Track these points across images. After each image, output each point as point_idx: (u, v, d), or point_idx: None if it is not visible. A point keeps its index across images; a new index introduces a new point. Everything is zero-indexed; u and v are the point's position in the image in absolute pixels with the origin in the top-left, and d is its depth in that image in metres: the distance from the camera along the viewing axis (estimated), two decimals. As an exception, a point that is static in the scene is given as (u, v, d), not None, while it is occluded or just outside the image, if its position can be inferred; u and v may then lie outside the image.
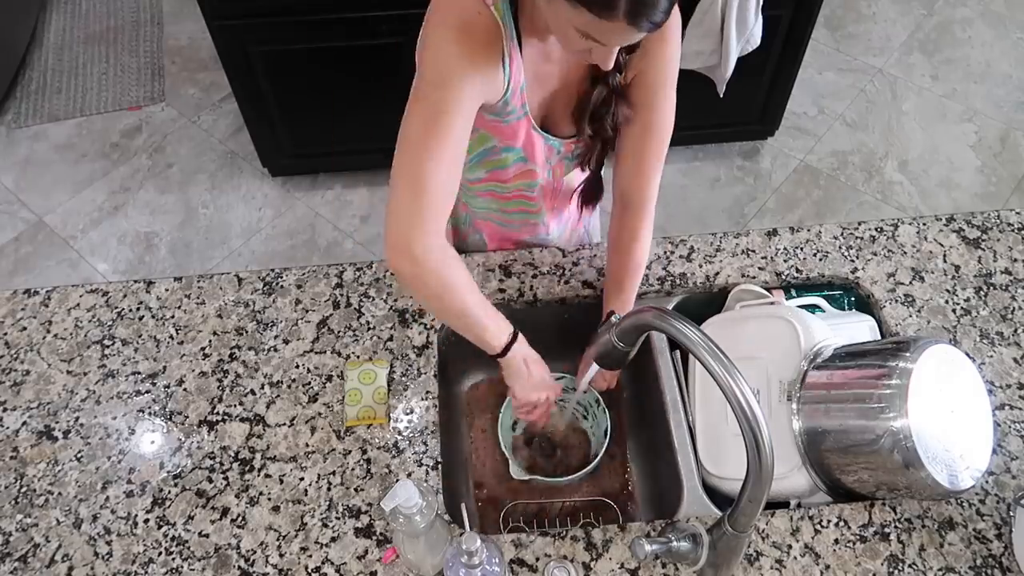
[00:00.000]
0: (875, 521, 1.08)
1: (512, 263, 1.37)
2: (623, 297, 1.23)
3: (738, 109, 2.56)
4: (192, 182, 2.76)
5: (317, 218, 2.65)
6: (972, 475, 0.98)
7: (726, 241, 1.39)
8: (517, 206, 1.31)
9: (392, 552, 1.06)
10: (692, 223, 2.61)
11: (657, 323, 0.89)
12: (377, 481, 1.13)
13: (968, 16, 3.23)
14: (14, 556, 1.08)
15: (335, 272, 1.36)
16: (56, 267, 2.55)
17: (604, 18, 0.84)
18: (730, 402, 0.77)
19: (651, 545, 0.94)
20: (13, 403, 1.23)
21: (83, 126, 2.95)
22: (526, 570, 1.05)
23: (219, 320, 1.31)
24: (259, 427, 1.19)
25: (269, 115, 2.44)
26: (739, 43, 2.20)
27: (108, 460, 1.17)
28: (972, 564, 1.05)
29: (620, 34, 0.87)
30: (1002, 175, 2.72)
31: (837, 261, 1.36)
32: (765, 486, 0.80)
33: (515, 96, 1.06)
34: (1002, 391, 1.20)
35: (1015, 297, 1.31)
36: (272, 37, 2.20)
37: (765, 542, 1.07)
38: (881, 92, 2.98)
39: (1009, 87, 2.98)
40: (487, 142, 1.15)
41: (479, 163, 1.20)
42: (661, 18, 0.85)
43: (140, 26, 3.26)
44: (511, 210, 1.32)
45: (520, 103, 1.08)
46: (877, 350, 1.07)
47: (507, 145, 1.15)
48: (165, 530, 1.10)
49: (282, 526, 1.10)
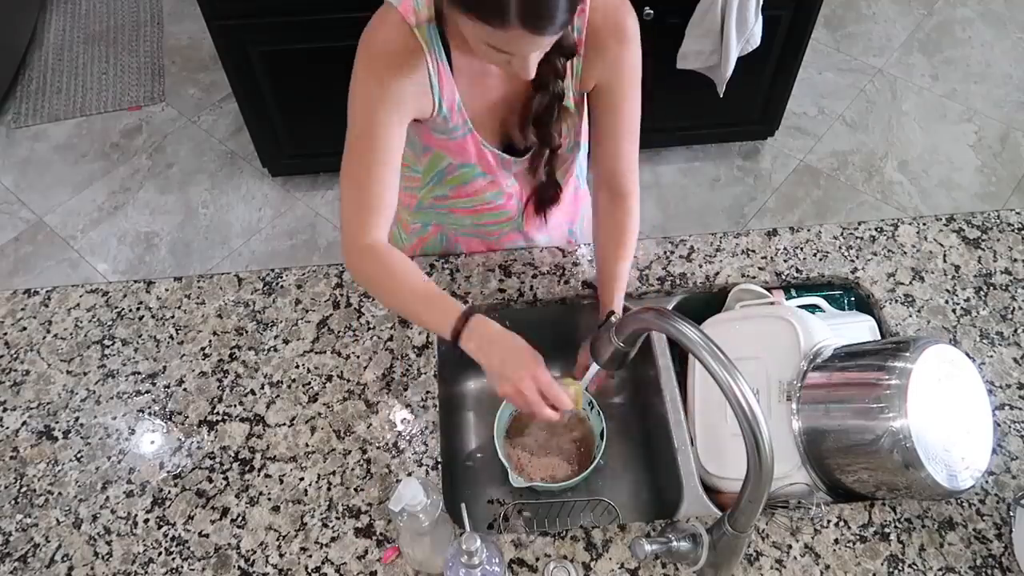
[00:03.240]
0: (875, 521, 1.08)
1: (512, 263, 1.37)
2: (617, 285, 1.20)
3: (738, 109, 2.56)
4: (192, 182, 2.76)
5: (317, 218, 2.65)
6: (972, 475, 0.98)
7: (726, 241, 1.39)
8: (491, 218, 1.31)
9: (392, 552, 1.06)
10: (692, 223, 2.61)
11: (657, 323, 0.89)
12: (377, 481, 1.13)
13: (968, 16, 3.23)
14: (14, 556, 1.08)
15: (335, 272, 1.36)
16: (56, 267, 2.55)
17: (498, 27, 0.85)
18: (730, 402, 0.77)
19: (651, 545, 0.94)
20: (13, 403, 1.23)
21: (83, 126, 2.95)
22: (526, 570, 1.05)
23: (219, 320, 1.31)
24: (259, 427, 1.19)
25: (269, 115, 2.44)
26: (739, 43, 2.20)
27: (108, 460, 1.17)
28: (972, 564, 1.05)
29: (524, 41, 0.88)
30: (1002, 175, 2.72)
31: (837, 261, 1.36)
32: (765, 486, 0.80)
33: (454, 114, 1.09)
34: (1002, 391, 1.20)
35: (1015, 297, 1.31)
36: (272, 37, 2.20)
37: (765, 542, 1.07)
38: (881, 92, 2.98)
39: (1009, 87, 2.98)
40: (442, 161, 1.18)
41: (440, 182, 1.23)
42: (562, 18, 0.85)
43: (140, 26, 3.27)
44: (486, 222, 1.33)
45: (462, 120, 1.10)
46: (877, 350, 1.07)
47: (462, 161, 1.17)
48: (165, 530, 1.10)
49: (282, 526, 1.10)
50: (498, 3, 0.83)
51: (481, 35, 0.89)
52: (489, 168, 1.19)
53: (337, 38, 2.27)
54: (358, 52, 1.05)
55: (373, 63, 1.03)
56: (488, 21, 0.86)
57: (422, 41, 1.02)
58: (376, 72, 1.03)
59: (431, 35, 1.02)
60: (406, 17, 1.01)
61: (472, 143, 1.14)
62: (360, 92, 1.05)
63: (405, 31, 1.01)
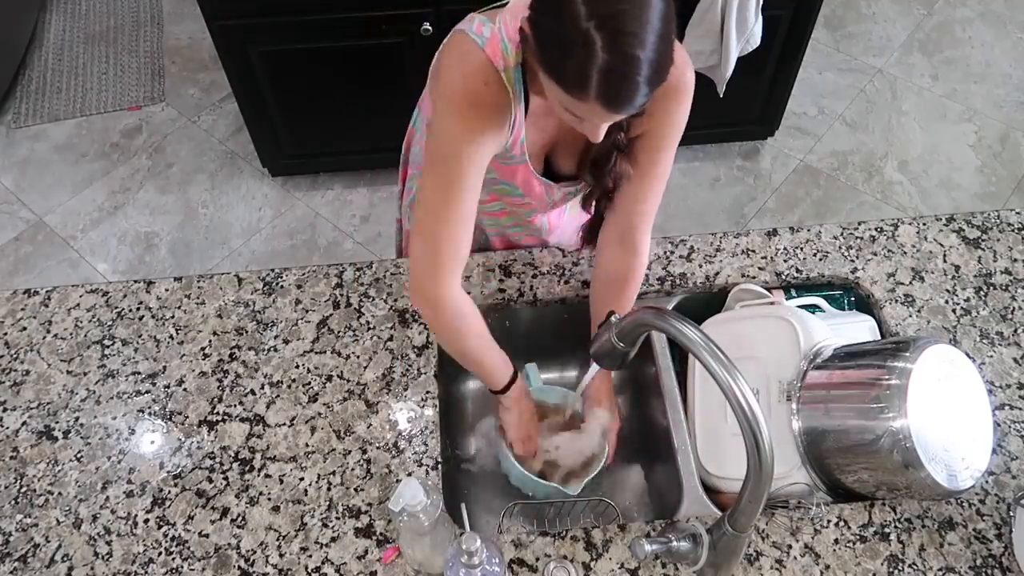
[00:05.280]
0: (875, 521, 1.08)
1: (512, 263, 1.37)
2: None
3: (738, 109, 2.56)
4: (192, 182, 2.76)
5: (317, 218, 2.65)
6: (972, 475, 0.99)
7: (726, 241, 1.39)
8: (515, 221, 1.33)
9: (392, 552, 1.06)
10: (692, 223, 2.61)
11: (657, 323, 0.89)
12: (377, 481, 1.13)
13: (968, 16, 3.23)
14: (14, 556, 1.08)
15: (335, 272, 1.36)
16: (56, 267, 2.55)
17: (578, 99, 0.85)
18: (730, 402, 0.77)
19: (651, 545, 0.94)
20: (13, 403, 1.23)
21: (83, 126, 2.95)
22: (526, 570, 1.05)
23: (219, 320, 1.31)
24: (259, 427, 1.19)
25: (269, 115, 2.44)
26: (739, 43, 2.20)
27: (108, 460, 1.17)
28: (972, 564, 1.05)
29: (599, 115, 0.88)
30: (1002, 175, 2.72)
31: (837, 261, 1.36)
32: (765, 486, 0.80)
33: (515, 147, 1.09)
34: (1002, 391, 1.20)
35: (1015, 297, 1.31)
36: (272, 37, 2.20)
37: (765, 542, 1.07)
38: (881, 92, 2.98)
39: (1009, 87, 2.98)
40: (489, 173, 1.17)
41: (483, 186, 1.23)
42: (641, 102, 0.85)
43: (140, 26, 3.26)
44: (510, 225, 1.35)
45: (520, 151, 1.11)
46: (877, 350, 1.07)
47: (507, 181, 1.18)
48: (165, 530, 1.10)
49: (282, 526, 1.10)
50: (581, 79, 0.82)
51: (560, 98, 0.89)
52: (530, 193, 1.20)
53: (337, 38, 2.28)
54: (441, 89, 1.03)
55: (463, 108, 1.00)
56: (569, 92, 0.86)
57: (510, 88, 1.00)
58: (466, 119, 1.00)
59: (517, 80, 1.00)
60: (494, 61, 0.98)
61: (522, 171, 1.15)
62: (449, 134, 1.02)
63: (495, 77, 0.99)
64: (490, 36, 0.98)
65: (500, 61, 0.98)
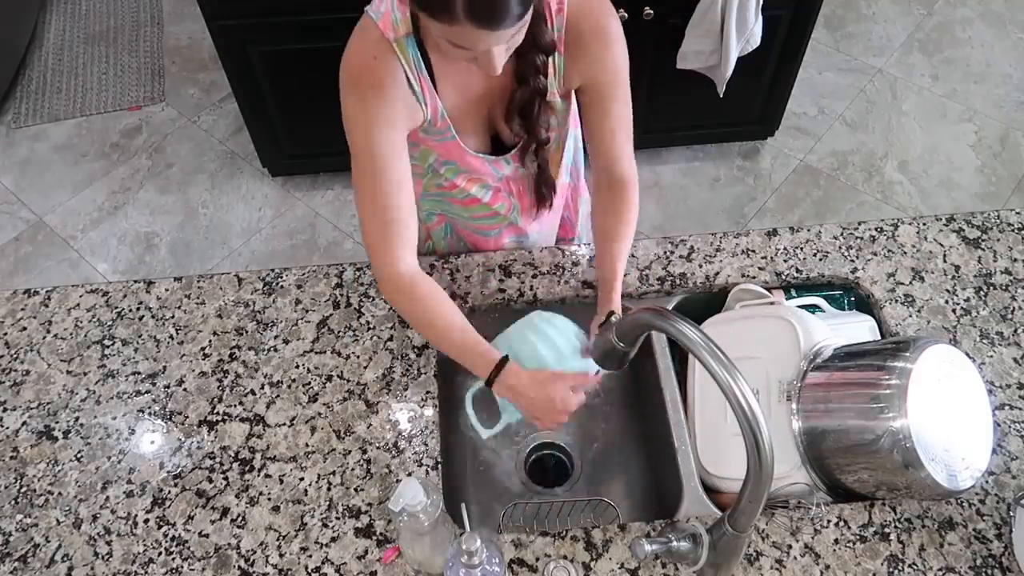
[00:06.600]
0: (875, 521, 1.08)
1: (512, 263, 1.37)
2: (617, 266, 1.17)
3: (738, 109, 2.56)
4: (192, 182, 2.76)
5: (317, 218, 2.65)
6: (972, 475, 0.99)
7: (726, 241, 1.39)
8: (482, 211, 1.31)
9: (392, 552, 1.06)
10: (692, 223, 2.61)
11: (657, 323, 0.89)
12: (377, 481, 1.13)
13: (968, 16, 3.23)
14: (14, 556, 1.08)
15: (335, 272, 1.36)
16: (56, 267, 2.55)
17: (446, 23, 0.86)
18: (730, 402, 0.77)
19: (651, 545, 0.94)
20: (13, 403, 1.23)
21: (83, 126, 2.95)
22: (526, 570, 1.05)
23: (219, 320, 1.31)
24: (259, 427, 1.19)
25: (269, 115, 2.43)
26: (739, 43, 2.20)
27: (108, 460, 1.17)
28: (972, 564, 1.05)
29: (476, 37, 0.88)
30: (1002, 175, 2.72)
31: (837, 261, 1.36)
32: (765, 486, 0.80)
33: (437, 120, 1.10)
34: (1002, 391, 1.20)
35: (1015, 297, 1.31)
36: (272, 37, 2.20)
37: (765, 542, 1.07)
38: (881, 92, 2.98)
39: (1009, 87, 2.98)
40: (430, 155, 1.19)
41: (434, 173, 1.24)
42: (515, 11, 0.85)
43: (140, 26, 3.26)
44: (479, 215, 1.33)
45: (445, 126, 1.11)
46: (877, 350, 1.07)
47: (446, 160, 1.19)
48: (165, 530, 1.10)
49: (282, 526, 1.10)
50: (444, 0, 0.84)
51: (439, 32, 0.90)
52: (473, 170, 1.20)
53: (337, 38, 2.25)
54: (341, 74, 1.05)
55: (357, 85, 1.04)
56: (438, 18, 0.86)
57: (400, 55, 1.02)
58: (361, 93, 1.03)
59: (410, 47, 1.02)
60: (385, 33, 1.01)
61: (456, 148, 1.16)
62: (352, 115, 1.05)
63: (385, 48, 1.01)
64: (385, 10, 1.01)
65: (391, 32, 1.01)
